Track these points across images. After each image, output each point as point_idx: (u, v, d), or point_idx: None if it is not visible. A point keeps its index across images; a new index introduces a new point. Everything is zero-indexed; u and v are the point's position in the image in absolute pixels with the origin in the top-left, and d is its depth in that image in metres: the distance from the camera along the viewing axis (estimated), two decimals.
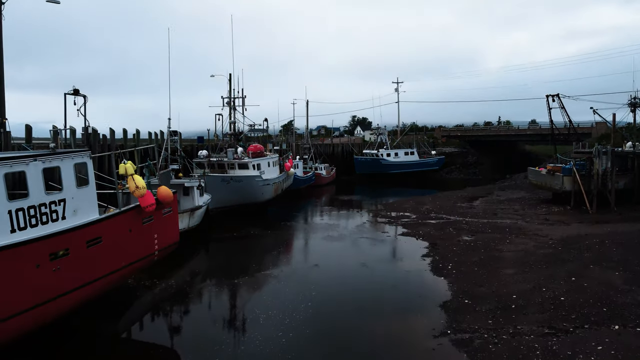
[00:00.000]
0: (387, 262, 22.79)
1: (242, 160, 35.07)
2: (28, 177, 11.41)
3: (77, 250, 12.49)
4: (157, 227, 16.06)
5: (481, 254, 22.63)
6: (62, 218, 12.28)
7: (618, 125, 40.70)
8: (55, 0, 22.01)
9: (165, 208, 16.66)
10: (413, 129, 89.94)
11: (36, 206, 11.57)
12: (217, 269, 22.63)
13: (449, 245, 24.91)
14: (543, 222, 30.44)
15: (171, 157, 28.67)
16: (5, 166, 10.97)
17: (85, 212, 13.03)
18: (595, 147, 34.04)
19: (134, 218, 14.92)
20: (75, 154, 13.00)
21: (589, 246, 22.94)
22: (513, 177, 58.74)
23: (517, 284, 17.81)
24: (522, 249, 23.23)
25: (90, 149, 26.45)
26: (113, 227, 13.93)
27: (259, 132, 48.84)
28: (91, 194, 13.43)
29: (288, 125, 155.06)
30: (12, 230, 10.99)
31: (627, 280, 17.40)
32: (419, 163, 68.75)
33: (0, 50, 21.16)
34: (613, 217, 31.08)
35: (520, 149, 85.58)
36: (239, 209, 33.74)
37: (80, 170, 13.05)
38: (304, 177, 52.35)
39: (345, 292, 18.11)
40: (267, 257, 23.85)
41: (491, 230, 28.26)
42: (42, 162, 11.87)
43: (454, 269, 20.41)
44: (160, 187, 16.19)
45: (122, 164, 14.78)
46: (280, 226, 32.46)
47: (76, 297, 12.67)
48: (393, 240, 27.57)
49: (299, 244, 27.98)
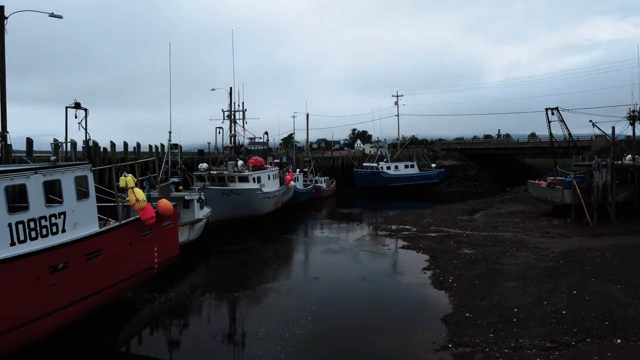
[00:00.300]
0: (387, 276, 22.69)
1: (243, 173, 35.12)
2: (29, 190, 11.44)
3: (76, 264, 12.46)
4: (157, 240, 16.03)
5: (482, 267, 22.56)
6: (62, 231, 12.27)
7: (617, 138, 40.81)
8: (58, 15, 22.31)
9: (165, 221, 16.65)
10: (413, 142, 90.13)
11: (36, 219, 11.57)
12: (217, 282, 22.53)
13: (449, 258, 24.83)
14: (544, 235, 30.37)
15: (171, 170, 28.71)
16: (6, 179, 11.00)
17: (85, 225, 13.03)
18: (595, 160, 34.08)
19: (134, 231, 14.91)
20: (76, 166, 13.04)
21: (590, 259, 22.87)
22: (513, 190, 58.73)
23: (518, 297, 17.72)
24: (523, 262, 23.15)
25: (91, 161, 26.57)
26: (113, 240, 13.91)
27: (259, 145, 48.95)
28: (91, 207, 13.44)
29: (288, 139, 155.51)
30: (12, 243, 10.98)
31: (628, 293, 17.32)
32: (419, 176, 68.76)
33: (3, 64, 21.36)
34: (614, 230, 31.01)
35: (520, 162, 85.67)
36: (239, 221, 33.70)
37: (80, 183, 13.07)
38: (304, 190, 52.36)
39: (345, 305, 18.03)
40: (267, 270, 23.76)
41: (492, 244, 28.18)
42: (42, 175, 11.90)
43: (455, 282, 20.33)
44: (161, 200, 16.19)
45: (122, 177, 14.82)
46: (280, 239, 32.39)
47: (76, 310, 12.61)
48: (393, 254, 27.49)
49: (299, 257, 27.91)
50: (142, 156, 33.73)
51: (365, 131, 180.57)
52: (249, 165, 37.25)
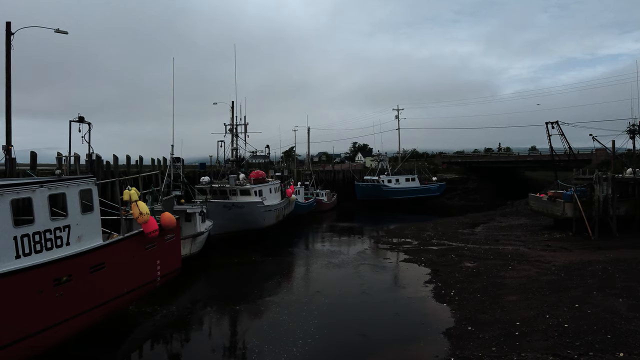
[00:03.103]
0: (389, 290, 22.65)
1: (244, 186, 35.25)
2: (34, 204, 11.55)
3: (80, 276, 12.53)
4: (159, 253, 16.10)
5: (484, 281, 22.54)
6: (66, 244, 12.36)
7: (618, 151, 40.98)
8: (63, 31, 22.70)
9: (168, 234, 16.73)
10: (414, 155, 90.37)
11: (41, 232, 11.67)
12: (218, 295, 22.50)
13: (451, 272, 24.82)
14: (545, 249, 30.36)
15: (174, 183, 28.85)
16: (12, 192, 11.11)
17: (89, 238, 13.12)
18: (595, 174, 34.19)
19: (137, 244, 14.99)
20: (81, 180, 13.17)
21: (592, 273, 22.85)
22: (514, 204, 58.71)
23: (520, 310, 17.70)
24: (524, 276, 23.13)
25: (95, 175, 26.73)
26: (116, 253, 13.98)
27: (260, 159, 49.24)
28: (95, 220, 13.54)
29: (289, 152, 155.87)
30: (17, 256, 11.06)
31: (630, 307, 17.29)
32: (420, 189, 68.89)
33: (9, 79, 21.69)
34: (615, 243, 30.99)
35: (521, 175, 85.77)
36: (240, 235, 33.73)
37: (85, 197, 13.19)
38: (305, 203, 52.45)
39: (346, 320, 18.01)
40: (269, 284, 23.75)
41: (493, 257, 28.17)
42: (48, 189, 12.02)
43: (457, 296, 20.31)
44: (164, 213, 16.29)
45: (126, 190, 14.95)
46: (281, 252, 32.39)
47: (78, 323, 12.64)
48: (395, 267, 27.49)
49: (300, 270, 27.89)
50: (144, 170, 33.90)
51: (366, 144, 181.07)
52: (251, 178, 37.40)
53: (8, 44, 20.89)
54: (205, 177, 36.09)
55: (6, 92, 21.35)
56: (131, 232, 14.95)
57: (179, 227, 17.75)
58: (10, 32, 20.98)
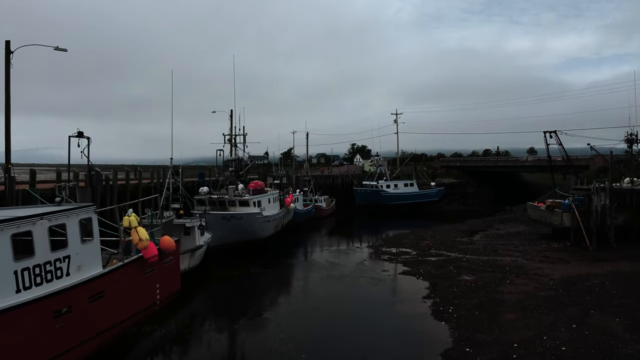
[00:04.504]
0: (388, 306, 22.71)
1: (243, 197, 35.30)
2: (34, 237, 11.61)
3: (80, 306, 12.60)
4: (159, 277, 16.17)
5: (482, 296, 22.63)
6: (66, 274, 12.42)
7: (616, 153, 40.98)
8: (63, 49, 22.74)
9: (167, 257, 16.80)
10: (413, 158, 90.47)
11: (41, 265, 11.73)
12: (217, 312, 22.53)
13: (449, 286, 24.91)
14: (543, 260, 30.46)
15: (173, 196, 28.90)
16: (12, 227, 11.17)
17: (89, 267, 13.18)
18: (593, 185, 34.31)
19: (137, 270, 15.06)
20: (81, 210, 13.22)
21: (589, 288, 22.95)
22: (512, 210, 58.85)
23: (518, 330, 17.78)
24: (522, 291, 23.22)
25: (93, 190, 26.77)
26: (116, 280, 14.05)
27: (258, 159, 49.39)
28: (95, 248, 13.61)
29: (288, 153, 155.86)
30: (17, 290, 11.12)
31: (627, 327, 17.39)
32: (419, 194, 69.01)
33: (8, 98, 21.71)
34: (613, 254, 31.10)
35: (519, 179, 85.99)
36: (239, 245, 33.76)
37: (85, 226, 13.25)
38: (304, 210, 52.52)
39: (345, 338, 18.05)
40: (267, 299, 23.77)
41: (491, 269, 28.27)
42: (48, 220, 12.08)
43: (455, 313, 20.39)
44: (163, 237, 16.36)
45: (125, 216, 15.00)
46: (280, 264, 32.44)
47: (78, 354, 12.70)
48: (393, 280, 27.56)
49: (299, 284, 27.93)
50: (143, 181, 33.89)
51: (364, 146, 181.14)
52: (249, 189, 37.46)
53: (7, 62, 20.90)
54: (204, 188, 36.13)
55: (6, 112, 21.38)
56: (131, 257, 15.00)
57: (178, 250, 17.81)
58: (10, 50, 20.99)
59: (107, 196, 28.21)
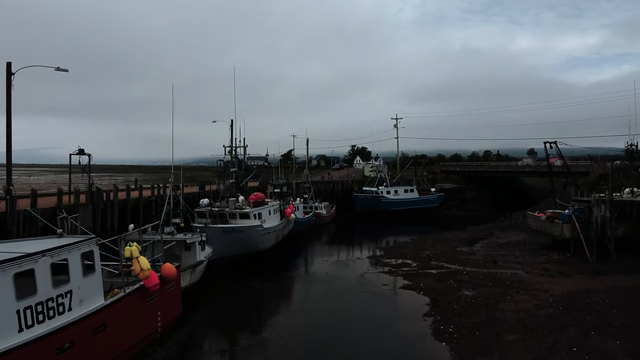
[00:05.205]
0: (388, 325, 22.65)
1: (244, 210, 35.35)
2: (37, 275, 11.65)
3: (82, 341, 12.64)
4: (160, 304, 16.22)
5: (482, 314, 22.67)
6: (68, 310, 12.47)
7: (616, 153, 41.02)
8: (64, 69, 22.78)
9: (168, 284, 16.84)
10: (413, 163, 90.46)
11: (43, 302, 11.78)
12: (217, 332, 22.52)
13: (449, 302, 24.95)
14: (543, 274, 30.49)
15: (173, 211, 28.92)
16: (15, 266, 11.21)
17: (90, 300, 13.23)
18: (593, 197, 34.35)
19: (138, 299, 15.11)
20: (83, 243, 13.26)
21: (589, 306, 22.99)
22: (513, 216, 58.88)
23: (519, 354, 17.82)
24: (522, 309, 23.25)
25: (95, 206, 26.81)
26: (118, 311, 14.09)
27: (257, 161, 49.46)
28: (97, 280, 13.65)
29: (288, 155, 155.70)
30: (19, 329, 11.16)
31: (627, 351, 17.45)
32: (419, 200, 69.07)
33: (9, 119, 21.75)
34: (613, 268, 31.13)
35: (520, 183, 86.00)
36: (239, 258, 33.80)
37: (87, 259, 13.29)
38: (304, 219, 52.59)
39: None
40: (268, 318, 23.70)
41: (492, 284, 28.32)
42: (50, 257, 12.12)
43: (455, 333, 20.42)
44: (164, 264, 16.40)
45: (127, 247, 15.05)
46: (280, 277, 32.42)
47: None
48: (394, 295, 27.60)
49: (299, 300, 27.92)
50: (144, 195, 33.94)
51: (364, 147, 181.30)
52: (250, 201, 37.50)
53: (9, 84, 20.93)
54: (205, 200, 36.18)
55: (7, 132, 21.42)
56: (132, 287, 15.04)
57: (179, 275, 17.85)
58: (11, 72, 21.02)
59: (108, 212, 28.27)
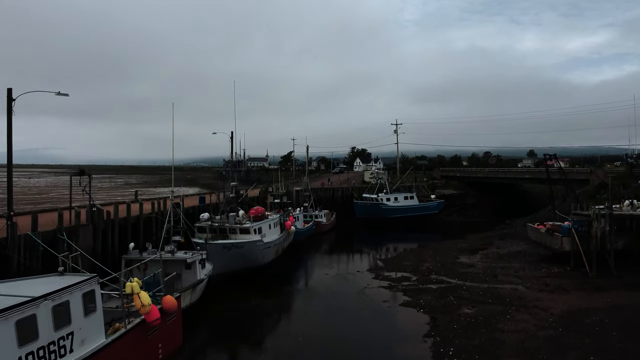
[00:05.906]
0: (388, 347, 22.70)
1: (244, 225, 35.40)
2: (39, 319, 11.69)
3: None
4: (161, 336, 16.27)
5: (482, 335, 22.74)
6: (69, 351, 12.52)
7: (616, 152, 41.14)
8: (64, 94, 22.86)
9: (169, 316, 16.90)
10: (413, 168, 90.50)
11: (45, 346, 11.82)
12: (217, 351, 22.67)
13: (449, 321, 25.03)
14: (543, 289, 30.57)
15: (174, 229, 28.98)
16: (17, 313, 11.25)
17: (92, 340, 13.27)
18: (593, 211, 34.42)
19: (139, 334, 15.16)
20: (84, 283, 13.31)
21: (589, 327, 23.07)
22: (512, 224, 58.99)
23: None
24: (522, 329, 23.33)
25: (95, 227, 26.85)
26: (119, 348, 14.14)
27: (258, 162, 49.52)
28: (98, 319, 13.70)
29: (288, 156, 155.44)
30: None
31: None
32: (419, 207, 69.15)
33: (10, 145, 21.80)
34: (613, 283, 31.20)
35: (519, 189, 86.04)
36: (239, 273, 33.83)
37: (88, 299, 13.34)
38: (304, 228, 52.68)
39: None
40: (267, 339, 23.73)
41: (492, 300, 28.40)
42: (52, 301, 12.17)
43: (455, 357, 20.50)
44: (165, 297, 16.47)
45: (128, 282, 15.11)
46: (280, 292, 32.45)
47: None
48: (394, 313, 27.64)
49: (299, 317, 27.96)
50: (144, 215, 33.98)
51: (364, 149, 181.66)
52: (250, 215, 37.57)
53: (9, 109, 20.98)
54: (205, 215, 36.25)
55: (8, 159, 21.46)
56: (133, 322, 15.09)
57: (180, 307, 17.91)
58: (12, 97, 21.08)
59: (109, 232, 28.35)
